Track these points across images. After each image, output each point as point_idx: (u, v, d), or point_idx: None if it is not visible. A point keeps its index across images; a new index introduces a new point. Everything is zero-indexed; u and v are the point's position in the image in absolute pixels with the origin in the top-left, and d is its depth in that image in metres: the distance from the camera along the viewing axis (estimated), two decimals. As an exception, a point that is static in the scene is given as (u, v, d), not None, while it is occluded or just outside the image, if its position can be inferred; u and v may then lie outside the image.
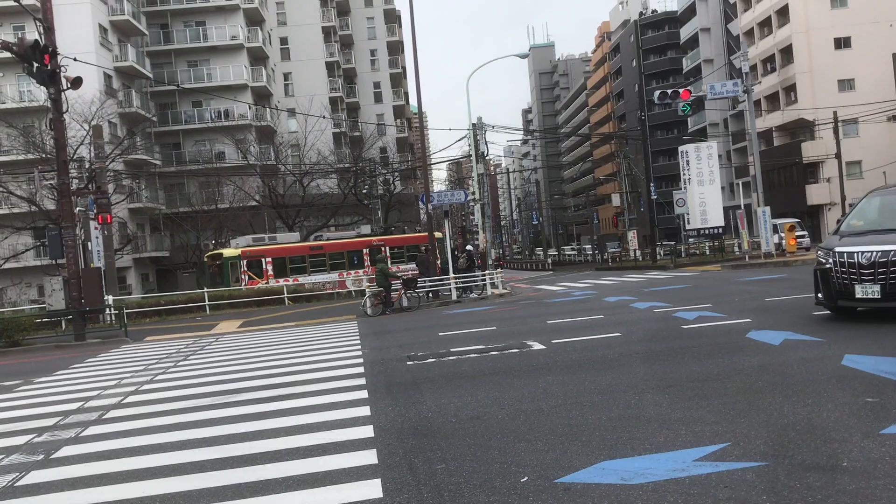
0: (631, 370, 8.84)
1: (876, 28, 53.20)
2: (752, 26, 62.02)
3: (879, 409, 6.09)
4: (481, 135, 32.62)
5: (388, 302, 21.83)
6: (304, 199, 41.47)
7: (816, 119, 50.67)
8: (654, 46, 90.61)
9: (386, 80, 70.68)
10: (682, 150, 33.09)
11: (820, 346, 9.11)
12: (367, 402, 8.28)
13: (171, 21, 53.11)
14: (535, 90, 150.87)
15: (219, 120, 51.40)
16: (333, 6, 64.72)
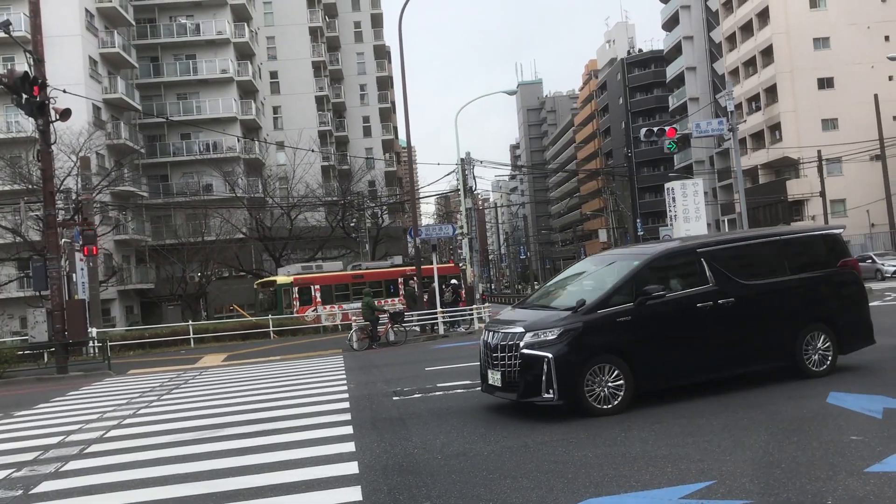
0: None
1: (858, 69, 54.15)
2: (738, 65, 63.00)
3: (864, 448, 6.11)
4: (469, 169, 32.79)
5: (374, 336, 21.73)
6: (291, 231, 41.43)
7: (801, 157, 51.31)
8: (641, 84, 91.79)
9: (375, 115, 71.16)
10: (668, 187, 33.28)
11: (805, 384, 9.13)
12: (352, 438, 8.22)
13: (162, 54, 53.40)
14: (523, 126, 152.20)
15: (207, 152, 51.47)
16: (324, 41, 65.31)
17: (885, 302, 21.41)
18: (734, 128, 26.10)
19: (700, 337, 8.97)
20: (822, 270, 9.83)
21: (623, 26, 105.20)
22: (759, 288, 9.31)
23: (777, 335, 9.33)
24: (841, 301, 9.87)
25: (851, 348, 9.91)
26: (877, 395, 7.97)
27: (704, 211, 33.35)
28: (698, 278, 9.14)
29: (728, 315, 8.99)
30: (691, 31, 77.72)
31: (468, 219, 34.40)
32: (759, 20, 58.93)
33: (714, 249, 9.41)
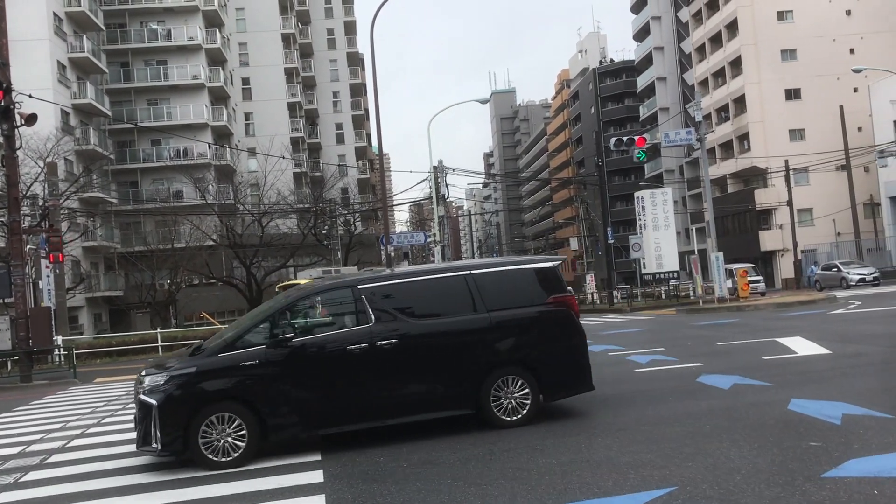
0: (583, 413, 8.90)
1: (824, 81, 55.06)
2: (707, 76, 63.80)
3: (822, 454, 6.20)
4: (442, 177, 32.88)
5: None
6: (262, 238, 41.17)
7: (769, 167, 52.02)
8: (612, 94, 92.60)
9: (348, 122, 71.09)
10: (637, 196, 33.67)
11: (768, 391, 9.25)
12: (318, 447, 8.19)
13: (132, 59, 52.94)
14: (496, 134, 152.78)
15: (178, 159, 51.06)
16: (296, 48, 65.16)
17: (849, 310, 21.75)
18: (702, 138, 26.43)
19: (351, 382, 8.12)
20: (525, 307, 8.73)
21: (595, 36, 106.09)
22: (432, 328, 8.44)
23: (456, 380, 8.35)
24: (546, 342, 8.70)
25: (557, 395, 8.85)
26: (836, 402, 8.09)
27: (673, 219, 33.76)
28: (358, 317, 8.35)
29: (390, 358, 8.17)
30: (662, 41, 78.62)
31: (441, 226, 34.43)
32: (728, 31, 59.76)
33: (380, 286, 8.58)
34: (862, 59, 50.66)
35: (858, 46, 55.33)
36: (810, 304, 25.66)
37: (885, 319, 17.51)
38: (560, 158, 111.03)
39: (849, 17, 56.31)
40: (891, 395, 8.35)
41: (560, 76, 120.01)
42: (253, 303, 41.83)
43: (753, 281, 35.06)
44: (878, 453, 6.07)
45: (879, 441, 6.44)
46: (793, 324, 18.26)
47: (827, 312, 21.36)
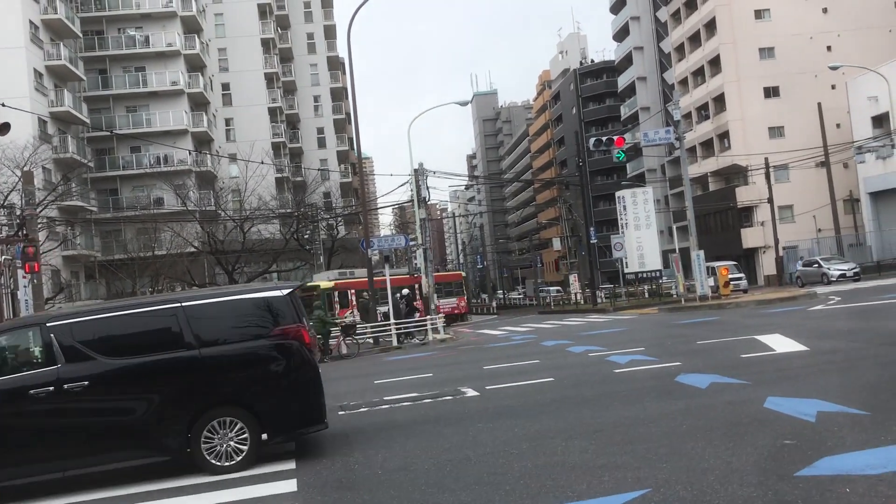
0: (560, 416, 8.86)
1: (802, 78, 55.43)
2: (686, 75, 64.11)
3: (795, 452, 6.19)
4: (423, 180, 32.78)
5: (326, 350, 21.55)
6: (244, 244, 40.99)
7: (749, 165, 52.27)
8: (593, 94, 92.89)
9: (330, 126, 70.90)
10: (618, 196, 33.79)
11: (744, 389, 9.25)
12: (292, 455, 8.12)
13: (111, 66, 52.55)
14: (479, 136, 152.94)
15: (158, 165, 50.72)
16: (276, 53, 64.92)
17: (829, 306, 21.85)
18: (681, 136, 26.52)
19: (34, 429, 7.57)
20: (245, 342, 8.12)
21: (575, 37, 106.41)
22: (132, 367, 7.82)
23: (160, 423, 7.72)
24: (268, 379, 8.06)
25: (283, 435, 8.13)
26: (812, 399, 8.09)
27: (655, 218, 33.93)
28: (44, 358, 7.72)
29: (82, 402, 7.59)
30: (641, 41, 78.96)
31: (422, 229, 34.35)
32: (706, 31, 60.08)
33: (74, 322, 7.88)
34: (839, 57, 51.04)
35: (835, 44, 55.74)
36: (791, 300, 25.79)
37: (864, 315, 17.61)
38: (543, 159, 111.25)
39: (825, 15, 56.72)
40: (866, 392, 8.36)
41: (541, 77, 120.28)
42: (235, 309, 41.64)
43: (735, 278, 35.21)
44: (851, 451, 6.06)
45: (853, 438, 6.43)
46: (772, 321, 18.33)
47: (807, 309, 21.46)
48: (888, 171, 45.08)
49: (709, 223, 58.88)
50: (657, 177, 74.75)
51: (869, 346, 11.98)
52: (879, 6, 56.80)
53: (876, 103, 46.84)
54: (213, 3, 62.06)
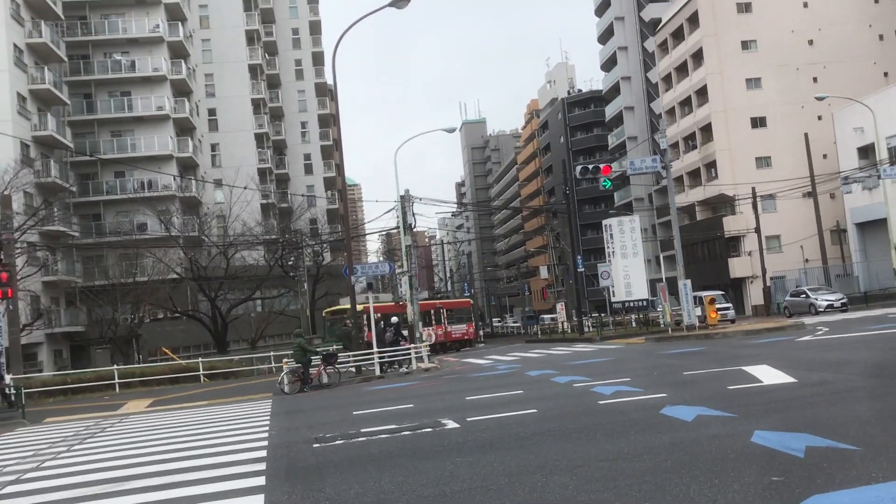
0: (542, 450, 8.53)
1: (789, 109, 55.86)
2: (674, 105, 64.46)
3: (784, 489, 5.90)
4: (409, 206, 32.52)
5: (306, 379, 21.10)
6: (227, 271, 40.53)
7: (736, 194, 52.41)
8: (581, 124, 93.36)
9: (317, 152, 70.77)
10: (605, 224, 33.64)
11: (731, 422, 8.96)
12: (262, 491, 7.74)
13: (96, 91, 52.31)
14: (467, 164, 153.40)
15: (142, 191, 50.34)
16: (263, 79, 64.92)
17: (816, 336, 21.65)
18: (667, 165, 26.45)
19: None
20: None
21: (563, 67, 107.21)
22: None
23: None
24: None
25: None
26: (800, 433, 7.81)
27: (642, 247, 33.78)
28: None
29: None
30: (629, 71, 79.56)
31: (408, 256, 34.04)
32: (693, 61, 60.53)
33: None
34: (825, 88, 51.48)
35: (821, 75, 56.26)
36: (778, 330, 25.60)
37: (852, 346, 17.39)
38: (531, 187, 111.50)
39: (811, 47, 57.29)
40: (855, 426, 8.08)
41: (529, 106, 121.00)
42: (218, 336, 41.12)
43: (722, 308, 35.04)
44: (840, 488, 5.77)
45: (843, 475, 6.15)
46: (760, 351, 18.09)
47: (794, 339, 21.24)
48: (874, 202, 45.23)
49: (696, 252, 58.91)
50: (644, 206, 74.94)
51: (858, 378, 11.74)
52: (864, 39, 57.45)
53: (862, 134, 47.14)
54: (200, 29, 62.10)
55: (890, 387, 10.68)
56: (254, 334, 44.99)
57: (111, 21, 53.34)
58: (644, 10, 76.72)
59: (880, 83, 53.48)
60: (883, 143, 43.88)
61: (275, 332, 48.34)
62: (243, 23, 62.98)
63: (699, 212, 62.33)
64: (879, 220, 44.03)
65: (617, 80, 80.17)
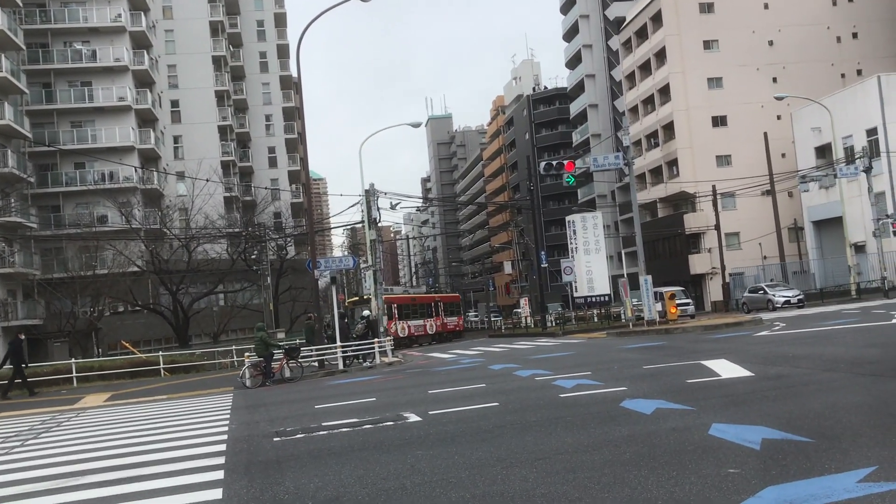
0: (503, 442, 8.56)
1: (748, 108, 56.68)
2: (637, 103, 65.05)
3: (740, 481, 5.99)
4: (374, 201, 32.42)
5: (268, 373, 20.94)
6: (189, 264, 40.02)
7: (697, 192, 53.09)
8: (546, 121, 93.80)
9: (281, 145, 70.23)
10: (569, 220, 33.80)
11: (689, 415, 9.07)
12: (220, 484, 7.67)
13: (55, 80, 51.26)
14: (433, 159, 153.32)
15: (102, 182, 49.49)
16: (227, 71, 64.20)
17: (774, 332, 22.02)
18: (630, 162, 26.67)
19: None
20: None
21: (529, 64, 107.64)
22: None
23: None
24: None
25: None
26: (757, 426, 7.94)
27: (604, 243, 33.99)
28: None
29: None
30: (593, 69, 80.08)
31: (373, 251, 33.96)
32: (656, 60, 61.13)
33: None
34: (784, 88, 52.34)
35: (781, 76, 57.20)
36: (737, 326, 25.98)
37: (808, 341, 17.72)
38: (496, 183, 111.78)
39: (771, 48, 58.19)
40: (810, 419, 8.23)
41: (495, 102, 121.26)
42: (179, 330, 40.63)
43: (682, 304, 35.47)
44: (795, 479, 5.88)
45: (797, 466, 6.26)
46: (718, 346, 18.35)
47: (752, 334, 21.58)
48: (830, 201, 46.12)
49: (657, 249, 59.58)
50: (608, 202, 75.57)
51: (813, 372, 11.96)
52: (823, 40, 58.47)
53: (819, 134, 48.01)
54: (163, 19, 61.24)
55: (844, 381, 10.90)
56: (216, 328, 44.53)
57: (71, 9, 52.30)
58: (609, 8, 77.24)
59: (837, 84, 54.51)
60: (839, 143, 44.78)
61: (238, 326, 47.93)
62: (207, 14, 62.21)
63: (661, 209, 63.03)
64: (835, 219, 44.93)
65: (581, 77, 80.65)
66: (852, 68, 58.07)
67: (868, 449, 6.65)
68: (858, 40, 58.82)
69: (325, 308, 28.96)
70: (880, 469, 5.93)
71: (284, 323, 45.98)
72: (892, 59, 57.49)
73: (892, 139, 43.81)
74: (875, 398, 9.29)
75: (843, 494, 5.38)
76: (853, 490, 5.46)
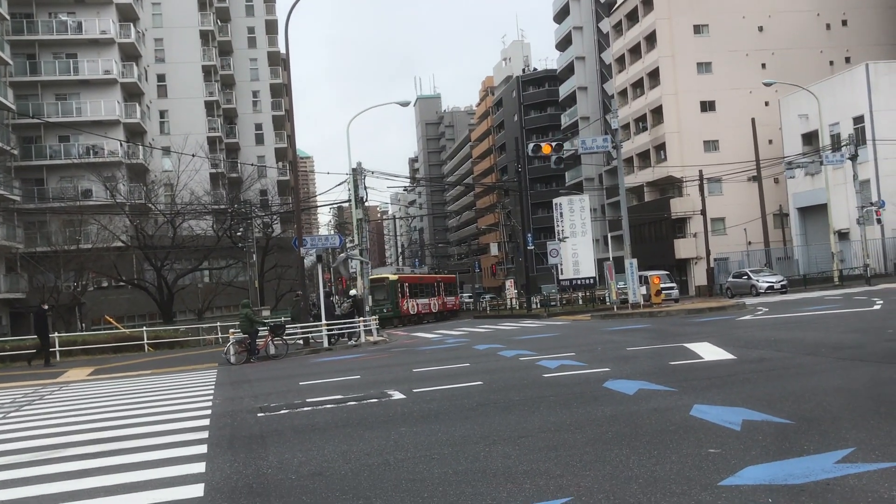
0: (486, 420, 8.61)
1: (737, 94, 56.77)
2: (626, 86, 65.01)
3: (720, 461, 6.05)
4: (361, 179, 32.33)
5: (252, 349, 20.93)
6: (174, 240, 39.80)
7: (684, 177, 53.24)
8: (535, 102, 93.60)
9: (268, 122, 69.79)
10: (556, 203, 33.90)
11: (671, 396, 9.15)
12: (203, 458, 7.68)
13: (40, 52, 50.64)
14: (421, 140, 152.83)
15: (87, 156, 49.07)
16: (215, 45, 63.61)
17: (756, 316, 22.21)
18: (618, 145, 26.68)
19: None
20: None
21: (519, 45, 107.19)
22: None
23: None
24: None
25: None
26: (738, 408, 8.02)
27: (590, 226, 34.14)
28: None
29: None
30: (583, 51, 79.91)
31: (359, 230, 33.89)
32: (646, 43, 61.05)
33: None
34: (773, 74, 52.42)
35: (770, 62, 57.28)
36: (720, 310, 26.19)
37: (790, 326, 17.89)
38: (484, 165, 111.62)
39: (761, 34, 58.22)
40: (790, 401, 8.32)
41: (484, 83, 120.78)
42: (163, 306, 40.49)
43: (667, 288, 35.69)
44: (774, 460, 5.95)
45: (777, 447, 6.34)
46: (701, 329, 18.49)
47: (735, 318, 21.76)
48: (816, 188, 46.38)
49: (643, 233, 59.80)
50: (595, 186, 75.69)
51: (794, 356, 12.08)
52: (812, 27, 58.56)
53: (806, 121, 48.20)
54: (151, -8, 60.55)
55: (824, 365, 11.02)
56: (201, 305, 44.39)
57: (56, -21, 51.63)
58: (600, -10, 77.02)
59: (826, 72, 54.68)
60: (826, 131, 44.97)
61: (223, 303, 47.81)
62: (195, -13, 61.52)
63: (647, 193, 63.20)
64: (820, 206, 45.22)
65: (571, 59, 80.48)
66: (841, 56, 58.23)
67: (846, 431, 6.74)
68: (848, 28, 58.93)
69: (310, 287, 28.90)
70: (858, 450, 6.02)
71: (270, 301, 45.83)
72: (880, 47, 57.67)
73: (879, 127, 44.04)
74: (854, 382, 9.40)
75: (821, 475, 5.45)
76: (831, 471, 5.54)
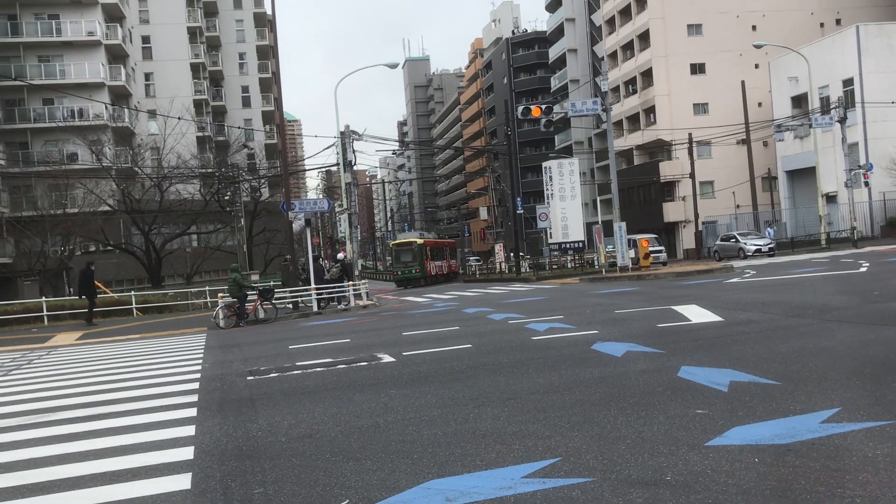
0: (475, 383, 8.66)
1: (727, 56, 56.47)
2: (616, 49, 64.55)
3: (707, 421, 6.10)
4: (349, 143, 32.12)
5: (242, 314, 20.93)
6: (161, 204, 39.56)
7: (673, 140, 53.15)
8: (525, 65, 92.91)
9: (255, 85, 69.05)
10: (545, 166, 33.81)
11: (659, 358, 9.21)
12: (193, 421, 7.69)
13: (21, 12, 49.71)
14: (410, 103, 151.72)
15: (72, 119, 48.45)
16: (200, 6, 62.65)
17: (744, 279, 22.33)
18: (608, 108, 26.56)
19: None
20: None
21: (508, 6, 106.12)
22: None
23: None
24: None
25: None
26: (725, 369, 8.08)
27: (580, 190, 34.10)
28: None
29: None
30: (574, 13, 79.17)
31: (348, 194, 33.74)
32: (637, 4, 60.52)
33: None
34: (763, 36, 52.12)
35: (760, 23, 56.90)
36: (708, 273, 26.32)
37: (777, 288, 18.00)
38: (473, 128, 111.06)
39: (751, -5, 57.76)
40: (776, 362, 8.39)
41: (474, 45, 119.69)
42: (152, 271, 40.36)
43: (655, 251, 35.82)
44: (760, 420, 6.01)
45: (763, 407, 6.40)
46: (689, 292, 18.59)
47: (723, 281, 21.88)
48: (805, 151, 46.42)
49: (632, 197, 59.83)
50: (584, 149, 75.49)
51: (781, 318, 12.17)
52: (803, -12, 58.13)
53: (796, 84, 48.07)
54: (133, -48, 59.39)
55: (810, 326, 11.10)
56: (189, 269, 44.25)
57: (36, -62, 50.52)
58: (591, -50, 76.07)
59: (816, 34, 54.40)
60: (815, 93, 44.86)
61: (211, 267, 47.69)
62: (179, -54, 60.37)
63: (637, 156, 63.11)
64: (809, 169, 45.30)
65: (561, 21, 79.74)
66: (832, 18, 57.90)
67: (832, 391, 6.80)
68: (839, -11, 58.56)
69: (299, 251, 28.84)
70: (843, 410, 6.08)
71: (258, 265, 45.74)
72: (871, 9, 57.33)
73: (868, 90, 43.97)
74: (840, 343, 9.48)
75: (806, 434, 5.51)
76: (816, 430, 5.60)
